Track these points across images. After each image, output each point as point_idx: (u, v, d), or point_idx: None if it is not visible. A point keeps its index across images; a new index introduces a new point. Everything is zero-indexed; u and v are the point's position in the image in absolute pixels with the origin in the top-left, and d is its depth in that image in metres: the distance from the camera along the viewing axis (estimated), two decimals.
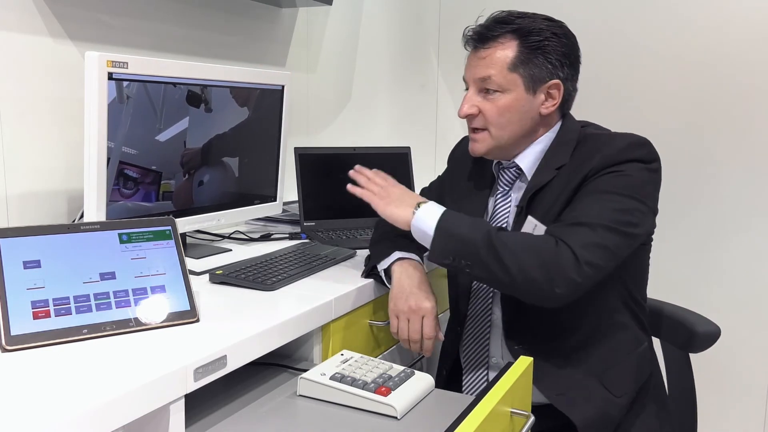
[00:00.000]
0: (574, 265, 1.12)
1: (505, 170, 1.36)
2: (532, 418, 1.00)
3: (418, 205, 1.26)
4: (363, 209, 1.70)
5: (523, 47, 1.26)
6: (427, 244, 1.23)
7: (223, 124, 1.58)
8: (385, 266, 1.36)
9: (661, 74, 1.96)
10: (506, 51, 1.27)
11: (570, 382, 1.25)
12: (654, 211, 1.24)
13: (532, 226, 1.26)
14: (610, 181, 1.20)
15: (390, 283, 1.35)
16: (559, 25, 1.30)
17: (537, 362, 1.22)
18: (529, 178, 1.32)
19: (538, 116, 1.30)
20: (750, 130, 1.87)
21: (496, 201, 1.37)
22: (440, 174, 1.58)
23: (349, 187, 1.37)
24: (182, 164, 1.50)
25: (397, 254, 1.36)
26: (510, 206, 1.35)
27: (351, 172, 1.40)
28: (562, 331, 1.28)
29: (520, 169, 1.33)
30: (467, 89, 1.34)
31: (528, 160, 1.33)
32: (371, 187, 1.34)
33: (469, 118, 1.32)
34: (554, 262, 1.12)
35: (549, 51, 1.27)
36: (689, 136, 1.93)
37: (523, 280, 1.14)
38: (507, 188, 1.36)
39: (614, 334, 1.29)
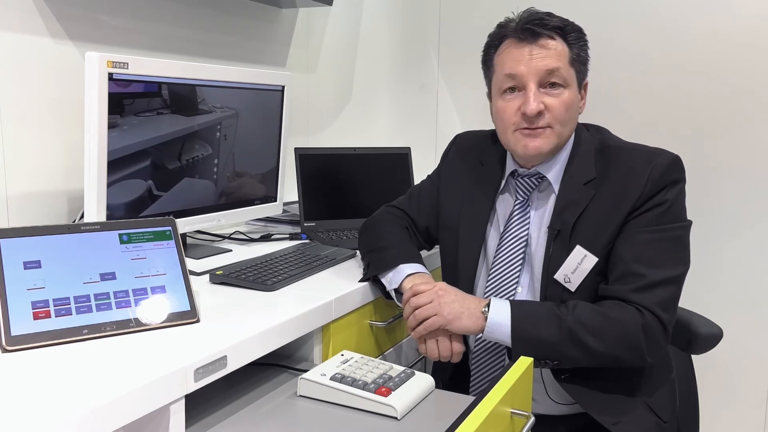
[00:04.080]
0: (663, 332, 1.17)
1: (524, 179, 1.32)
2: (532, 418, 1.00)
3: (485, 308, 1.21)
4: (363, 210, 1.71)
5: (570, 44, 1.26)
6: (505, 345, 1.21)
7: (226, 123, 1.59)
8: (396, 285, 1.32)
9: (661, 80, 1.95)
10: (562, 45, 1.25)
11: (622, 409, 1.23)
12: None
13: (581, 256, 1.23)
14: (660, 217, 1.20)
15: (400, 300, 1.32)
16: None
17: (585, 385, 1.23)
18: (555, 188, 1.28)
19: (577, 115, 1.31)
20: (750, 133, 1.87)
21: (513, 211, 1.33)
22: (429, 174, 1.53)
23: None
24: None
25: (404, 269, 1.33)
26: (529, 218, 1.31)
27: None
28: None
29: (540, 178, 1.30)
30: (513, 90, 1.26)
31: (554, 169, 1.29)
32: (422, 313, 1.24)
33: (536, 116, 1.24)
34: (646, 338, 1.15)
35: (585, 50, 1.29)
36: (689, 139, 1.93)
37: (614, 362, 1.17)
38: (525, 197, 1.32)
39: None
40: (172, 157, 1.48)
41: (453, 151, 1.50)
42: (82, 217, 1.37)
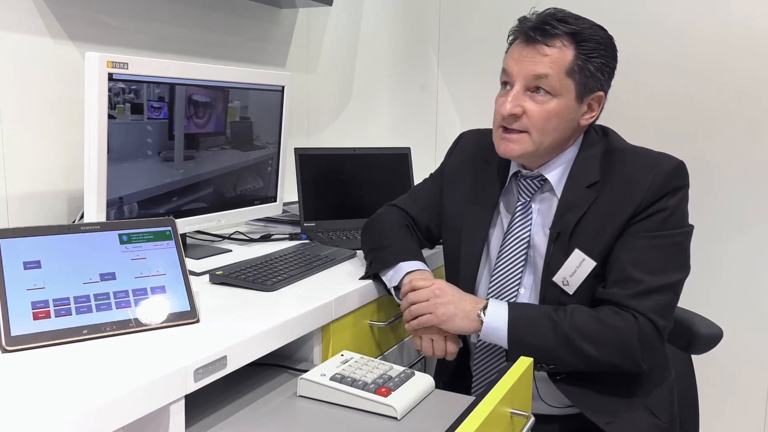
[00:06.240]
0: (658, 338, 1.17)
1: (527, 180, 1.31)
2: (532, 418, 1.00)
3: (482, 311, 1.22)
4: (363, 210, 1.70)
5: (579, 53, 1.21)
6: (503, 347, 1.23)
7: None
8: (396, 283, 1.33)
9: (661, 80, 1.95)
10: (565, 53, 1.20)
11: (617, 408, 1.23)
12: None
13: (580, 259, 1.22)
14: (661, 224, 1.20)
15: (399, 297, 1.32)
16: (609, 36, 1.26)
17: (581, 386, 1.23)
18: (556, 191, 1.27)
19: (577, 126, 1.26)
20: (750, 134, 1.87)
21: (515, 212, 1.31)
22: (432, 173, 1.53)
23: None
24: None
25: (403, 266, 1.33)
26: (531, 219, 1.30)
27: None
28: None
29: (543, 180, 1.29)
30: (506, 85, 1.26)
31: (555, 172, 1.28)
32: (417, 309, 1.27)
33: (511, 117, 1.23)
34: (641, 344, 1.16)
35: (602, 62, 1.23)
36: (690, 140, 1.93)
37: (609, 367, 1.18)
38: (527, 199, 1.31)
39: None
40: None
41: (458, 150, 1.49)
42: (82, 217, 1.37)
